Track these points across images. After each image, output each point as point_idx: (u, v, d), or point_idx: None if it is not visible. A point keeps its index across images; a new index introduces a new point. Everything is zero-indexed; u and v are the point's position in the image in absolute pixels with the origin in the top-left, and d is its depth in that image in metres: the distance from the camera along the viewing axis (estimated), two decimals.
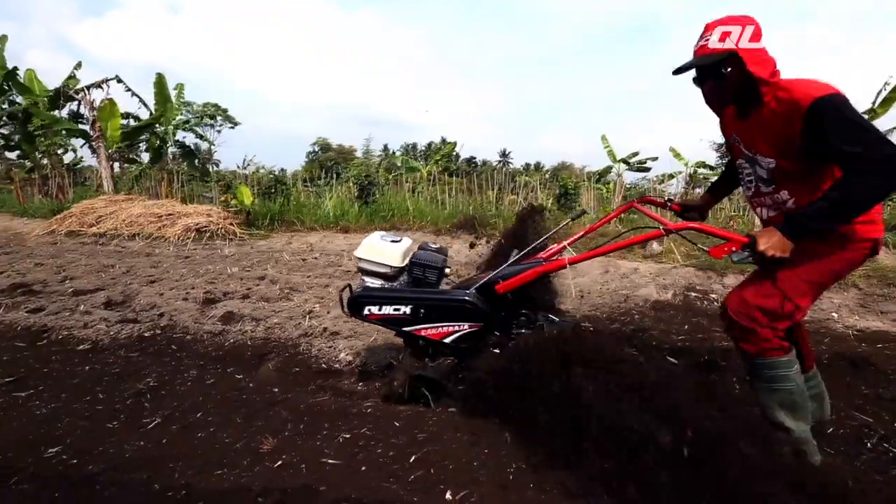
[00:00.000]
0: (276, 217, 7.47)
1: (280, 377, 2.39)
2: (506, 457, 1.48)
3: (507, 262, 2.00)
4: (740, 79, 1.44)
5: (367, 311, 1.91)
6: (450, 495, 1.33)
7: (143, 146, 13.25)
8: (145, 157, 13.45)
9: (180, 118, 12.89)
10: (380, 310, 1.89)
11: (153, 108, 11.48)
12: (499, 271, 1.91)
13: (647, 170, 14.96)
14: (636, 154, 14.42)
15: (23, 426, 1.76)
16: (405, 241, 2.05)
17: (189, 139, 14.45)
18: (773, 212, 1.58)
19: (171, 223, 7.32)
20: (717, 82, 1.49)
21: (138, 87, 12.57)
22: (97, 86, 11.03)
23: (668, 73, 1.55)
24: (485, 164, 45.97)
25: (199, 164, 14.54)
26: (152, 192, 10.39)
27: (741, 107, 1.53)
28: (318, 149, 42.00)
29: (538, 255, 2.05)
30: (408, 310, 1.87)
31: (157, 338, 2.88)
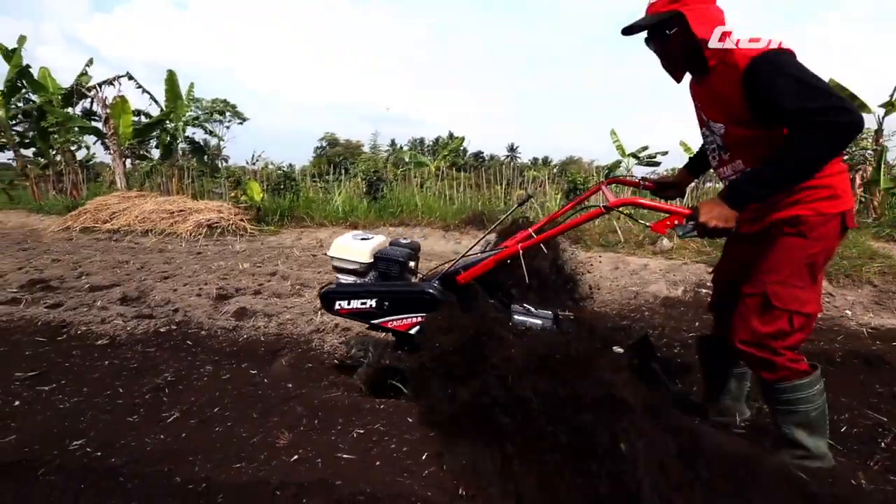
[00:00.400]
0: (286, 213, 7.53)
1: (294, 373, 2.43)
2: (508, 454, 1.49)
3: (468, 252, 2.04)
4: (685, 40, 1.34)
5: (337, 306, 2.00)
6: (462, 491, 1.35)
7: (153, 142, 13.43)
8: (156, 154, 13.63)
9: (190, 114, 13.01)
10: (349, 304, 1.98)
11: (164, 105, 11.60)
12: (458, 261, 1.96)
13: (657, 164, 14.81)
14: (646, 148, 14.27)
15: (47, 419, 1.81)
16: (376, 239, 2.12)
17: (198, 135, 14.62)
18: None
19: (183, 219, 7.41)
20: (663, 44, 1.42)
21: (147, 83, 12.69)
22: (109, 83, 11.16)
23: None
24: (492, 158, 45.79)
25: (208, 160, 14.68)
26: (163, 189, 10.53)
27: (693, 72, 1.45)
28: (325, 144, 42.13)
29: (506, 243, 2.06)
30: (373, 303, 1.94)
31: (172, 333, 2.93)
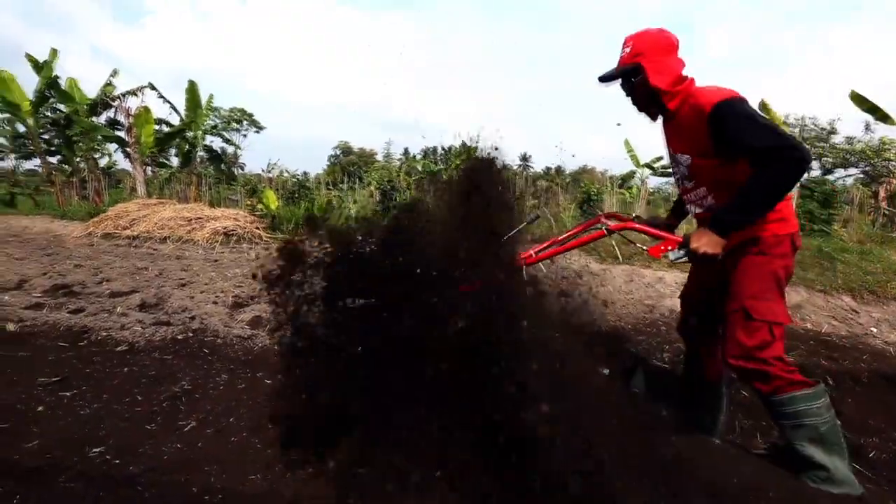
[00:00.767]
0: (301, 222, 7.62)
1: None
2: None
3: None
4: (644, 88, 1.57)
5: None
6: None
7: (172, 150, 13.76)
8: (175, 161, 13.96)
9: (209, 123, 13.32)
10: None
11: (184, 114, 11.90)
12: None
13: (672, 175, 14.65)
14: (660, 159, 14.16)
15: (68, 425, 1.85)
16: None
17: (216, 143, 14.93)
18: (699, 209, 1.67)
19: (200, 226, 7.55)
20: (630, 90, 1.64)
21: (168, 91, 13.05)
22: (132, 93, 11.50)
23: (693, 73, 1.61)
24: (505, 167, 45.74)
25: (225, 168, 14.97)
26: (181, 196, 10.75)
27: (658, 112, 1.66)
28: (339, 152, 42.65)
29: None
30: None
31: (189, 341, 2.97)
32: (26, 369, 2.35)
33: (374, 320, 1.45)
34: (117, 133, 11.68)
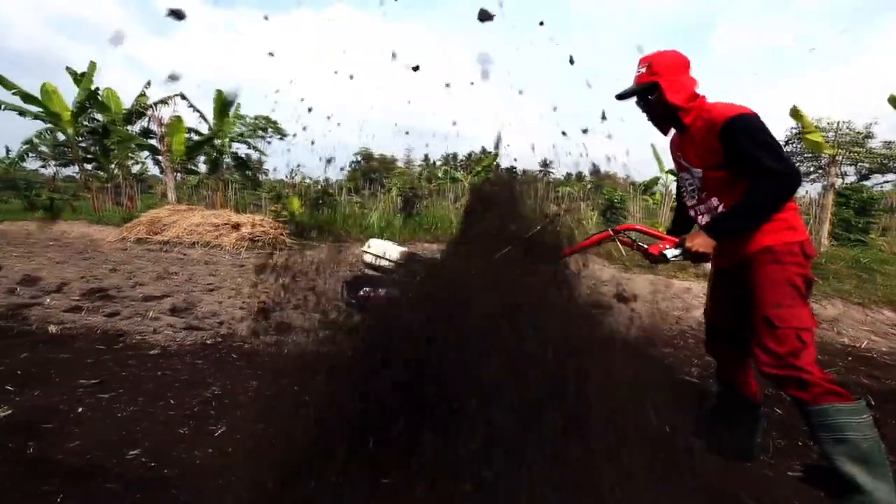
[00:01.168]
0: (324, 228, 7.75)
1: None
2: None
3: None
4: (660, 104, 1.67)
5: (362, 292, 2.14)
6: None
7: (201, 157, 14.20)
8: (202, 168, 14.40)
9: (236, 131, 13.72)
10: (374, 294, 2.11)
11: (212, 123, 12.29)
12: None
13: None
14: None
15: (107, 427, 1.92)
16: (403, 247, 2.35)
17: (241, 150, 15.35)
18: (708, 217, 1.73)
19: (227, 232, 7.76)
20: (646, 107, 1.74)
21: (196, 100, 13.52)
22: (164, 102, 11.96)
23: (717, 77, 1.73)
24: (525, 173, 45.61)
25: (250, 174, 15.36)
26: (208, 201, 11.08)
27: (674, 127, 1.74)
28: (360, 158, 43.23)
29: None
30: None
31: (218, 346, 3.05)
32: (68, 371, 2.46)
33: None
34: (150, 141, 12.14)
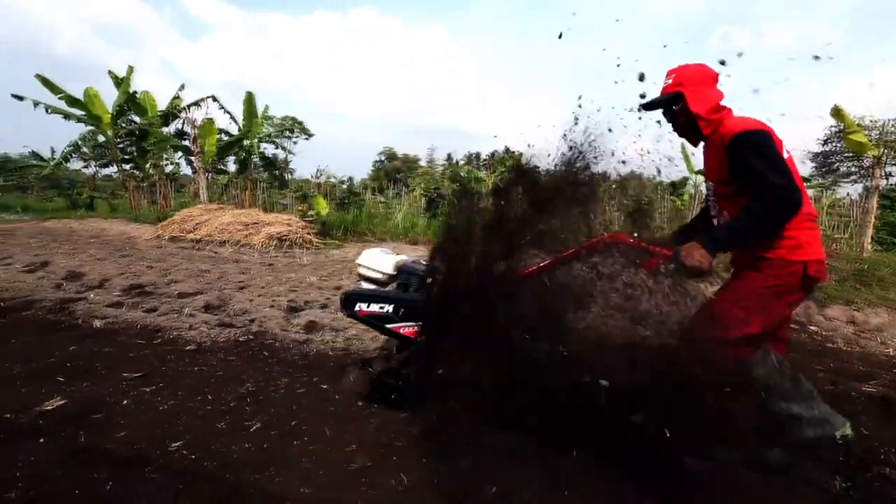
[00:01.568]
0: (349, 227, 7.88)
1: (363, 389, 2.52)
2: None
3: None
4: (684, 114, 1.72)
5: (357, 308, 2.13)
6: None
7: (231, 158, 14.61)
8: (232, 168, 14.81)
9: (264, 131, 14.06)
10: (368, 307, 2.11)
11: (241, 124, 12.64)
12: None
13: None
14: None
15: (150, 420, 2.01)
16: (401, 255, 2.32)
17: (268, 150, 15.71)
18: None
19: (256, 231, 7.98)
20: (671, 117, 1.79)
21: (226, 101, 13.93)
22: (196, 105, 12.37)
23: (751, 72, 1.75)
24: (548, 172, 45.05)
25: (277, 174, 15.72)
26: (237, 201, 11.40)
27: (696, 138, 1.78)
28: (384, 158, 43.60)
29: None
30: (390, 308, 2.07)
31: (250, 343, 3.15)
32: (112, 364, 2.58)
33: None
34: (184, 143, 12.57)
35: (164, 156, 13.88)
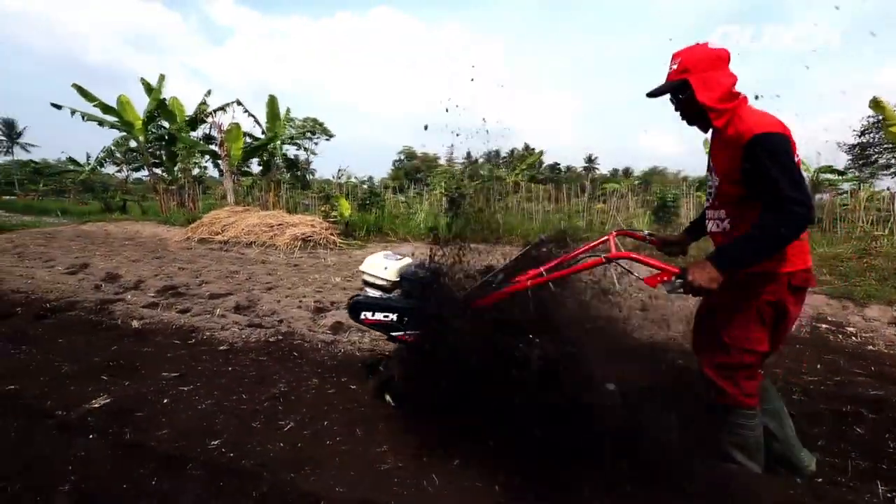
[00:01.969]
0: (371, 228, 7.97)
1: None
2: None
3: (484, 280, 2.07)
4: (692, 103, 1.59)
5: (362, 316, 2.12)
6: None
7: (255, 160, 14.97)
8: (256, 170, 15.17)
9: (287, 133, 14.34)
10: (373, 315, 2.10)
11: (265, 126, 12.92)
12: (474, 289, 2.00)
13: None
14: None
15: (189, 418, 2.10)
16: (404, 260, 2.27)
17: (290, 152, 16.02)
18: (715, 227, 1.69)
19: (281, 232, 8.16)
20: (678, 104, 1.67)
21: (249, 103, 14.25)
22: (222, 109, 12.72)
23: (777, 65, 1.65)
24: (569, 170, 44.58)
25: (299, 175, 16.02)
26: (261, 202, 11.67)
27: (706, 127, 1.66)
28: (403, 157, 43.84)
29: (518, 277, 1.97)
30: (395, 317, 2.06)
31: (280, 343, 3.23)
32: (151, 363, 2.70)
33: None
34: (211, 147, 12.95)
35: (193, 160, 14.34)
